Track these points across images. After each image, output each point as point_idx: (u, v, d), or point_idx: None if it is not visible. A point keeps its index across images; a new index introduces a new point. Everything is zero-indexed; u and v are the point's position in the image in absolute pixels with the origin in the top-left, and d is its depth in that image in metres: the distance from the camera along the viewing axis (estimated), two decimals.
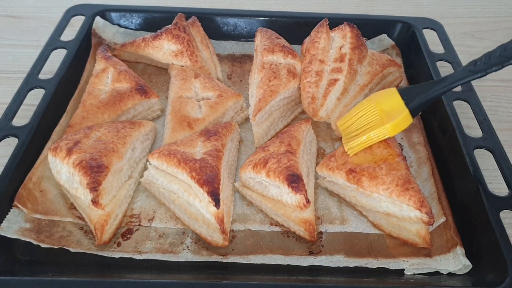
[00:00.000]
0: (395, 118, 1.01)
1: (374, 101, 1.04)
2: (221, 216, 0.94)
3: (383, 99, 1.04)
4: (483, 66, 0.94)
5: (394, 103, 1.02)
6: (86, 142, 1.01)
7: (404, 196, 0.95)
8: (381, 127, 1.01)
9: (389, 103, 1.03)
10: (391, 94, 1.04)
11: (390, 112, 1.02)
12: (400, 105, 1.02)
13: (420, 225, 0.96)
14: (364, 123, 1.04)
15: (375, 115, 1.03)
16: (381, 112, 1.02)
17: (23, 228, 0.95)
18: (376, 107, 1.03)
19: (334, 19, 1.32)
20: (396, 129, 1.02)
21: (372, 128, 1.02)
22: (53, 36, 1.35)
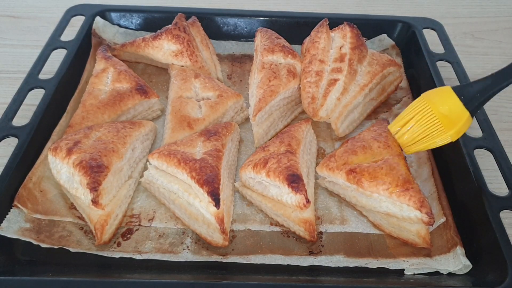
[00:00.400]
0: (456, 123, 0.94)
1: (429, 103, 0.98)
2: (221, 216, 0.94)
3: (439, 101, 0.97)
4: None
5: (452, 105, 0.95)
6: (86, 142, 1.01)
7: (404, 196, 0.94)
8: (443, 134, 0.95)
9: (446, 105, 0.96)
10: (447, 95, 0.97)
11: (449, 115, 0.95)
12: (458, 106, 0.95)
13: (420, 225, 0.96)
14: (422, 129, 0.98)
15: (433, 120, 0.96)
16: (440, 116, 0.95)
17: (23, 228, 0.95)
18: (433, 110, 0.96)
19: (334, 19, 1.32)
20: (459, 134, 0.96)
21: (433, 135, 0.97)
22: (53, 36, 1.35)
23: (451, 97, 0.96)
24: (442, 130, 0.95)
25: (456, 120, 0.94)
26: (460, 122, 0.94)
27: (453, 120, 0.94)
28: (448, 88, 0.98)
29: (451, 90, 0.97)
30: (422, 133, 0.98)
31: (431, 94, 1.00)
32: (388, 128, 1.05)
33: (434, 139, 0.97)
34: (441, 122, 0.95)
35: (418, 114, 0.99)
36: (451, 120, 0.94)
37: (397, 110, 1.29)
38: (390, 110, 1.29)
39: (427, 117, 0.97)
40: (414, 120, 0.99)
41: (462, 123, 0.94)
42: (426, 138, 0.98)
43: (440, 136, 0.96)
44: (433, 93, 1.01)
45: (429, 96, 0.99)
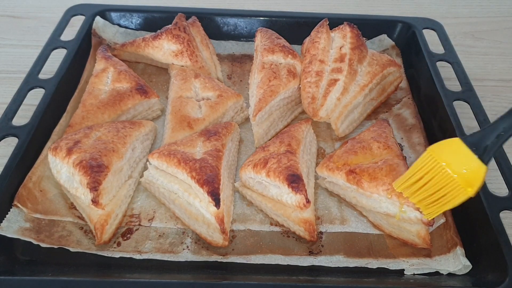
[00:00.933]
0: (475, 180, 0.85)
1: (439, 160, 0.88)
2: (221, 216, 0.94)
3: (452, 158, 0.87)
4: None
5: (467, 161, 0.86)
6: (86, 142, 1.01)
7: (404, 197, 0.94)
8: (462, 192, 0.86)
9: (461, 163, 0.86)
10: (458, 150, 0.88)
11: (466, 172, 0.86)
12: (474, 161, 0.86)
13: (420, 226, 0.96)
14: (436, 189, 0.89)
15: (447, 181, 0.87)
16: (459, 176, 0.86)
17: (23, 227, 0.95)
18: (446, 168, 0.87)
19: (334, 19, 1.32)
20: (479, 189, 0.87)
21: (451, 194, 0.87)
22: (53, 36, 1.35)
23: (464, 152, 0.87)
24: (461, 189, 0.86)
25: (475, 177, 0.86)
26: (480, 178, 0.86)
27: (471, 177, 0.86)
28: (457, 140, 0.89)
29: (462, 143, 0.88)
30: (436, 194, 0.89)
31: (440, 149, 0.90)
32: (394, 185, 0.96)
33: (454, 198, 0.88)
34: (459, 181, 0.86)
35: (428, 174, 0.89)
36: (469, 177, 0.86)
37: (397, 110, 1.29)
38: (390, 110, 1.29)
39: (441, 176, 0.88)
40: (427, 178, 0.89)
41: (482, 178, 0.86)
42: (442, 198, 0.89)
43: (459, 195, 0.87)
44: (442, 148, 0.90)
45: (438, 152, 0.89)
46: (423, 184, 0.90)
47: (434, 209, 0.91)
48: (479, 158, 0.86)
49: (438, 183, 0.88)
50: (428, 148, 0.92)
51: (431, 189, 0.89)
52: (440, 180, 0.88)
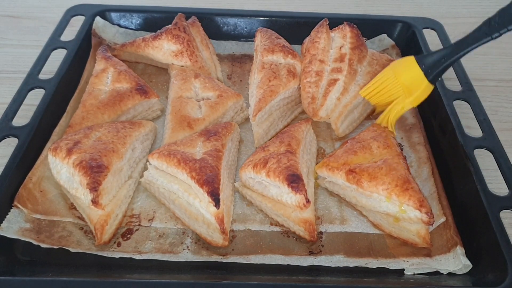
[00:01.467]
0: (415, 90, 1.05)
1: (394, 73, 1.08)
2: (221, 216, 0.94)
3: (402, 71, 1.07)
4: (498, 26, 0.91)
5: (413, 73, 1.05)
6: (86, 142, 1.01)
7: (404, 196, 0.95)
8: (404, 100, 1.06)
9: (408, 75, 1.06)
10: (409, 64, 1.06)
11: (410, 84, 1.05)
12: (419, 75, 1.04)
13: (420, 225, 0.96)
14: (386, 96, 1.10)
15: (396, 88, 1.08)
16: (402, 85, 1.06)
17: (23, 228, 0.95)
18: (396, 79, 1.07)
19: (334, 19, 1.32)
20: (418, 101, 1.07)
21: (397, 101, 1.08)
22: (53, 36, 1.35)
23: (413, 66, 1.05)
24: (403, 96, 1.06)
25: (416, 88, 1.04)
26: (419, 89, 1.04)
27: (413, 88, 1.05)
28: (411, 58, 1.06)
29: (414, 60, 1.05)
30: (387, 98, 1.10)
31: (397, 65, 1.10)
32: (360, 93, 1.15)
33: (398, 105, 1.08)
34: (402, 89, 1.06)
35: (384, 82, 1.10)
36: (411, 87, 1.05)
37: None
38: None
39: (391, 84, 1.08)
40: (382, 87, 1.10)
41: (420, 90, 1.04)
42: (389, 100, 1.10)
43: (402, 102, 1.07)
44: (399, 64, 1.10)
45: (395, 67, 1.10)
46: (380, 89, 1.11)
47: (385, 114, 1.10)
48: (424, 74, 1.03)
49: (389, 90, 1.09)
50: (391, 63, 1.13)
51: (385, 94, 1.11)
52: (391, 88, 1.09)
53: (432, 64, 1.02)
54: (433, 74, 1.02)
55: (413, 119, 1.24)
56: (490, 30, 0.92)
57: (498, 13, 0.91)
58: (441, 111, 1.18)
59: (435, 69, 1.01)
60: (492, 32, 0.92)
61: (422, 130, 1.20)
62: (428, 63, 1.03)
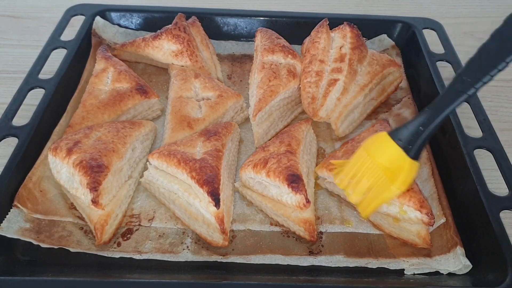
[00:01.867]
0: (398, 173, 0.86)
1: (369, 155, 0.90)
2: (221, 216, 0.94)
3: (378, 150, 0.89)
4: (471, 81, 0.79)
5: (392, 153, 0.87)
6: (86, 142, 1.01)
7: (404, 197, 0.94)
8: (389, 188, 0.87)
9: (386, 155, 0.88)
10: (384, 142, 0.89)
11: (391, 166, 0.87)
12: (398, 154, 0.86)
13: (420, 226, 0.96)
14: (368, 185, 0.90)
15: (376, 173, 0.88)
16: (382, 168, 0.87)
17: (23, 228, 0.95)
18: (373, 162, 0.89)
19: (334, 19, 1.32)
20: (406, 184, 0.88)
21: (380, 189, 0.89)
22: (53, 36, 1.35)
23: (388, 143, 0.88)
24: (387, 182, 0.87)
25: (398, 169, 0.86)
26: (402, 171, 0.86)
27: (395, 170, 0.86)
28: (384, 134, 0.89)
29: (387, 136, 0.88)
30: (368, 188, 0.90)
31: (370, 143, 0.92)
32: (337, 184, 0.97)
33: (381, 193, 0.89)
34: (385, 173, 0.87)
35: (359, 168, 0.91)
36: (393, 169, 0.86)
37: (397, 110, 1.29)
38: (390, 110, 1.29)
39: (370, 169, 0.89)
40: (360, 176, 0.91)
41: (405, 171, 0.86)
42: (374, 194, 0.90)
43: (387, 189, 0.88)
44: (371, 142, 0.92)
45: (368, 147, 0.91)
46: (359, 178, 0.90)
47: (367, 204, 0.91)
48: (403, 151, 0.86)
49: (369, 177, 0.89)
50: (363, 143, 0.93)
51: (366, 183, 0.90)
52: (370, 174, 0.89)
53: (409, 137, 0.85)
54: (414, 149, 0.85)
55: None
56: (463, 86, 0.80)
57: (466, 66, 0.80)
58: None
59: (415, 142, 0.85)
60: (466, 89, 0.80)
61: None
62: (405, 136, 0.86)
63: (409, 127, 0.87)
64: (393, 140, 0.87)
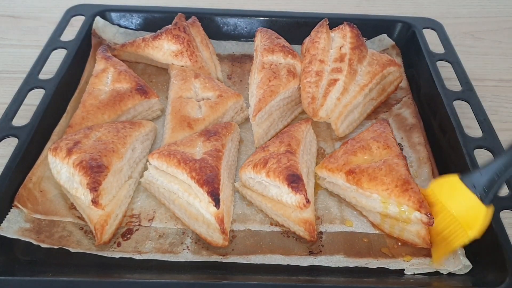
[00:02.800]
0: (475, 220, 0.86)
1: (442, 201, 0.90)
2: (221, 216, 0.94)
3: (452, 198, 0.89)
4: None
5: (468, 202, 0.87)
6: (86, 142, 1.01)
7: (404, 197, 0.94)
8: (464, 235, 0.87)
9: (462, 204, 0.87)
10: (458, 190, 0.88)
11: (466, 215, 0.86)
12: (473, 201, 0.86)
13: (420, 226, 0.96)
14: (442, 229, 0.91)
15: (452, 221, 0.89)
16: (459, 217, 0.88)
17: (23, 228, 0.95)
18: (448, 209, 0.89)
19: (334, 19, 1.32)
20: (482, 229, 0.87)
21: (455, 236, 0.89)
22: (53, 36, 1.35)
23: (463, 191, 0.87)
24: (463, 230, 0.87)
25: (473, 217, 0.86)
26: (478, 218, 0.85)
27: (469, 218, 0.86)
28: (456, 179, 0.89)
29: (461, 183, 0.88)
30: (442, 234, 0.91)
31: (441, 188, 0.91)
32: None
33: (457, 240, 0.89)
34: (460, 222, 0.87)
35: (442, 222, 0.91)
36: (468, 217, 0.86)
37: (397, 110, 1.29)
38: (390, 110, 1.29)
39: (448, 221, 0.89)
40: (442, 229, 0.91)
41: (482, 219, 0.85)
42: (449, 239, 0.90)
43: (463, 235, 0.88)
44: (442, 187, 0.91)
45: (439, 192, 0.91)
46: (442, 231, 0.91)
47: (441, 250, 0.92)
48: (479, 199, 0.85)
49: (443, 222, 0.90)
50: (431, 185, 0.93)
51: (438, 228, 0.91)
52: (444, 219, 0.90)
53: (486, 185, 0.84)
54: (490, 197, 0.84)
55: (413, 119, 1.24)
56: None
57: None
58: (441, 111, 1.18)
59: (491, 191, 0.84)
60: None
61: (422, 130, 1.20)
62: (480, 183, 0.85)
63: (484, 174, 0.86)
64: (466, 186, 0.87)
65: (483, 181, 0.86)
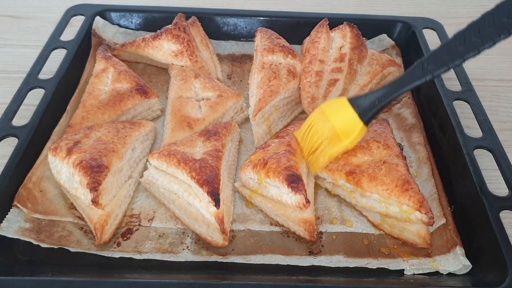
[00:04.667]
0: (351, 133, 0.98)
1: (326, 115, 1.00)
2: (221, 216, 0.94)
3: (335, 113, 1.00)
4: (431, 68, 0.89)
5: (348, 117, 0.98)
6: (86, 142, 1.01)
7: (404, 197, 0.95)
8: (339, 144, 0.99)
9: (342, 117, 0.99)
10: (343, 106, 0.99)
11: (344, 127, 0.98)
12: (353, 117, 0.97)
13: (420, 226, 0.96)
14: (321, 140, 1.01)
15: (330, 131, 0.99)
16: (336, 127, 0.99)
17: (23, 228, 0.95)
18: (330, 121, 0.99)
19: (334, 19, 1.32)
20: (354, 143, 1.00)
21: (331, 145, 1.00)
22: (53, 36, 1.35)
23: (347, 108, 0.98)
24: (337, 137, 0.99)
25: (350, 131, 0.98)
26: (354, 132, 0.97)
27: (347, 130, 0.98)
28: (344, 99, 1.00)
29: (347, 102, 0.99)
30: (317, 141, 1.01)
31: (328, 105, 1.02)
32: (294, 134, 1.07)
33: (331, 148, 1.00)
34: (336, 132, 0.99)
35: (316, 125, 1.01)
36: (346, 130, 0.98)
37: (397, 110, 1.29)
38: (390, 110, 1.29)
39: (324, 127, 1.00)
40: (314, 130, 1.01)
41: (356, 133, 0.97)
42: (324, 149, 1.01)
43: (337, 144, 0.99)
44: (330, 104, 1.02)
45: (326, 108, 1.01)
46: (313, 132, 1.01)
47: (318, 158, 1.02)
48: (358, 116, 0.97)
49: (323, 133, 1.00)
50: (321, 104, 1.04)
51: (319, 138, 1.00)
52: (324, 130, 1.00)
53: (367, 107, 0.96)
54: (368, 116, 0.96)
55: (413, 119, 1.24)
56: (423, 72, 0.90)
57: (430, 56, 0.90)
58: (441, 111, 1.18)
59: (370, 112, 0.96)
60: (425, 74, 0.90)
61: (422, 130, 1.20)
62: (362, 105, 0.97)
63: (367, 98, 0.97)
64: (351, 106, 0.98)
65: (366, 103, 0.97)
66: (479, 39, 0.88)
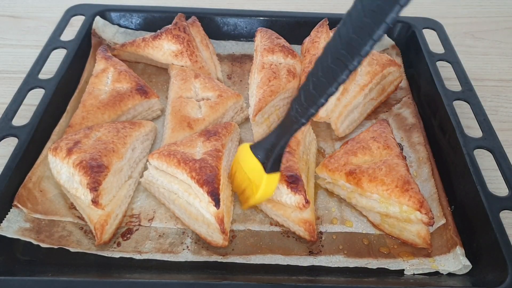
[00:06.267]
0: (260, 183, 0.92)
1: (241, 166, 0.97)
2: (221, 216, 0.94)
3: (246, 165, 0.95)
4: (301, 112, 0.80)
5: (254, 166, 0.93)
6: (86, 142, 1.01)
7: (404, 197, 0.95)
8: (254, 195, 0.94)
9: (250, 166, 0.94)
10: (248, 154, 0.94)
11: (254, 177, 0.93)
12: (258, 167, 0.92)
13: (420, 226, 0.96)
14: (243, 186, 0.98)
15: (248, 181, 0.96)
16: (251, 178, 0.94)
17: (23, 228, 0.95)
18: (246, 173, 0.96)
19: (334, 19, 1.32)
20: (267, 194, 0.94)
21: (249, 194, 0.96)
22: (53, 36, 1.35)
23: (251, 158, 0.94)
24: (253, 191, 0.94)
25: (259, 180, 0.92)
26: (262, 182, 0.91)
27: (257, 180, 0.92)
28: (246, 147, 0.96)
29: (249, 150, 0.94)
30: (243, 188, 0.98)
31: (241, 155, 0.98)
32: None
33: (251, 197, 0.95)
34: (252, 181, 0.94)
35: (237, 172, 0.99)
36: (256, 179, 0.93)
37: (397, 110, 1.29)
38: (390, 110, 1.29)
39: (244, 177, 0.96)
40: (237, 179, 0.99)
41: (264, 183, 0.91)
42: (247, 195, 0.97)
43: (252, 197, 0.95)
44: (240, 153, 0.98)
45: (240, 158, 0.98)
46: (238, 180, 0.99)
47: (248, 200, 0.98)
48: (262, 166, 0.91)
49: (244, 180, 0.97)
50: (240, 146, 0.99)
51: (241, 184, 0.98)
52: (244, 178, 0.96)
53: (264, 154, 0.91)
54: (269, 165, 0.90)
55: (413, 119, 1.24)
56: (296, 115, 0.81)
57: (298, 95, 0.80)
58: (441, 111, 1.18)
59: (269, 159, 0.90)
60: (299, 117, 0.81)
61: (422, 130, 1.20)
62: (261, 153, 0.92)
63: (263, 145, 0.92)
64: (253, 155, 0.93)
65: (263, 151, 0.92)
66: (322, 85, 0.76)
